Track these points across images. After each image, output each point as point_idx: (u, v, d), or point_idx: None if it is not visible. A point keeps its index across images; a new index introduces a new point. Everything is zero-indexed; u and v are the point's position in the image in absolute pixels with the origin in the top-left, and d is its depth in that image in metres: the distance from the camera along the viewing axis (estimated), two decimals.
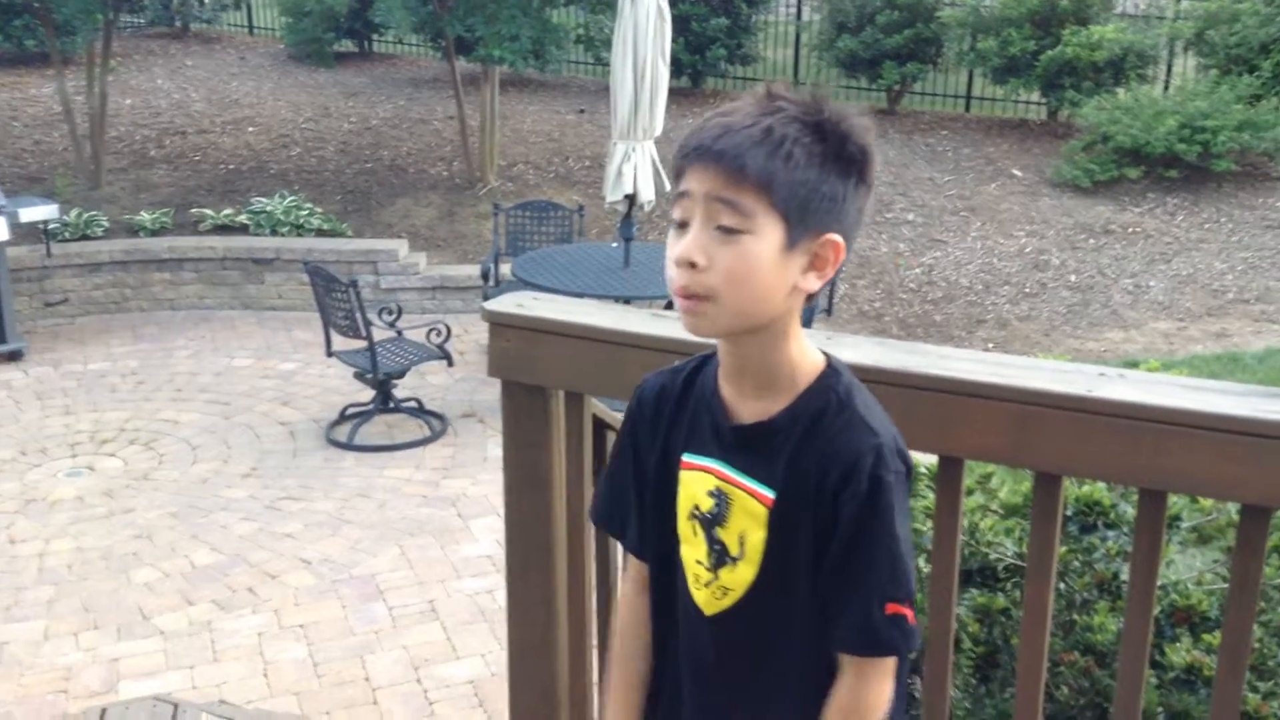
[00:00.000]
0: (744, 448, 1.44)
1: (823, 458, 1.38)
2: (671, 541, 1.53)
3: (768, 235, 1.31)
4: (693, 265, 1.32)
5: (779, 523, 1.42)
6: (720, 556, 1.46)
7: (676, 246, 1.34)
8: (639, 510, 1.57)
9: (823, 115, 1.34)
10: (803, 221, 1.32)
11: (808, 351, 1.43)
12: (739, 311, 1.34)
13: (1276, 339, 7.57)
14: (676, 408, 1.51)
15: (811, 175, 1.31)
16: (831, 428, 1.39)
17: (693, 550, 1.50)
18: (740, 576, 1.45)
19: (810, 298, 1.39)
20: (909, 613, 1.39)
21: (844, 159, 1.33)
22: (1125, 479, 1.70)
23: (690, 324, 1.36)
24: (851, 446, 1.37)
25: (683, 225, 1.34)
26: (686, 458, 1.49)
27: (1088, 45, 10.79)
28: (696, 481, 1.48)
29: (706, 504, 1.47)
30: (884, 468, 1.36)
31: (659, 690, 1.62)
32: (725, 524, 1.45)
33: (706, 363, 1.51)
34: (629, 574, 1.64)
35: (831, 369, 1.43)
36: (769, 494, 1.42)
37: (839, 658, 1.44)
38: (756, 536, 1.43)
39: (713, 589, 1.48)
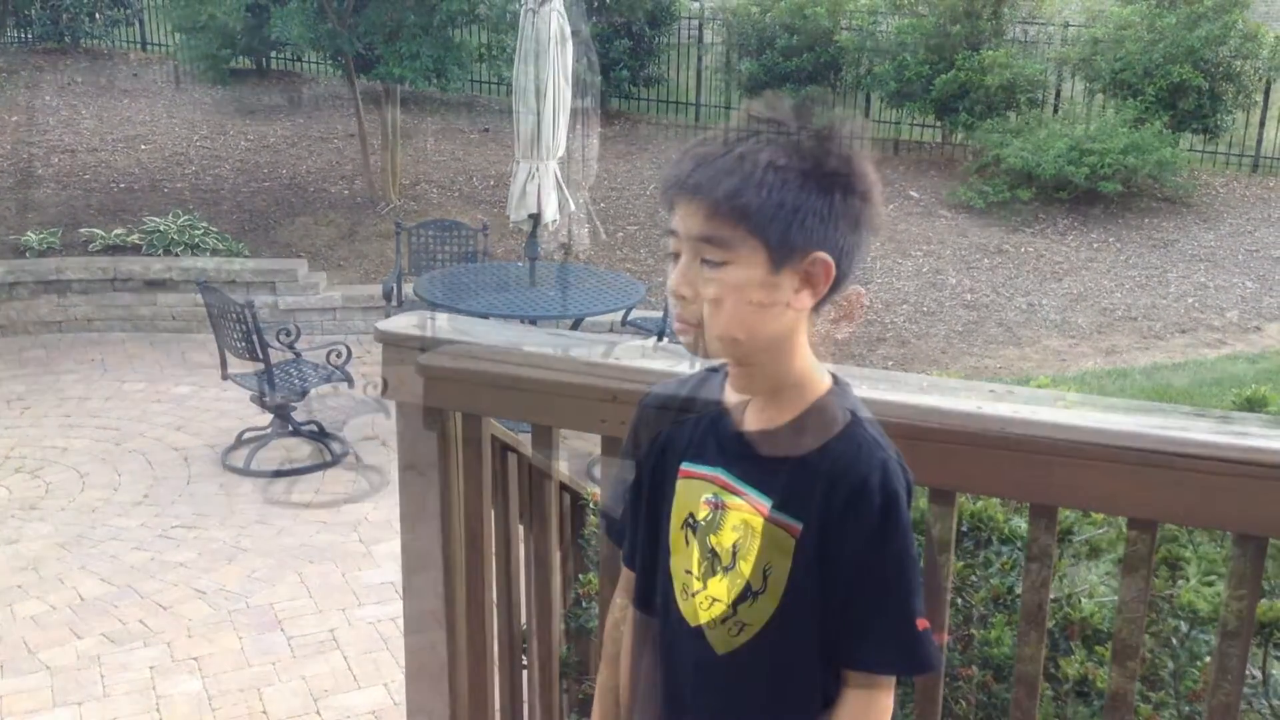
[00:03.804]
0: (745, 455, 1.44)
1: (832, 472, 1.38)
2: (659, 554, 1.52)
3: (751, 262, 1.33)
4: (682, 297, 1.37)
5: (774, 533, 1.41)
6: (711, 565, 1.45)
7: (670, 279, 1.39)
8: (633, 521, 1.58)
9: (800, 133, 1.34)
10: (785, 244, 1.33)
11: (814, 369, 1.44)
12: (729, 337, 1.36)
13: (1162, 354, 7.83)
14: (676, 420, 1.52)
15: (789, 197, 1.31)
16: (839, 443, 1.40)
17: (682, 560, 1.48)
18: (730, 585, 1.44)
19: (815, 314, 1.41)
20: (928, 626, 1.42)
21: (824, 175, 1.33)
22: (1016, 494, 1.73)
23: (690, 348, 1.41)
24: (862, 462, 1.38)
25: (676, 256, 1.38)
26: (685, 466, 1.49)
27: (979, 70, 11.09)
28: (694, 489, 1.47)
29: (702, 511, 1.46)
30: (895, 481, 1.38)
31: (635, 700, 1.61)
32: (719, 531, 1.45)
33: (711, 376, 1.52)
34: (620, 582, 1.65)
35: (838, 386, 1.45)
36: (764, 502, 1.42)
37: (845, 674, 1.43)
38: (751, 545, 1.42)
39: (700, 598, 1.46)
